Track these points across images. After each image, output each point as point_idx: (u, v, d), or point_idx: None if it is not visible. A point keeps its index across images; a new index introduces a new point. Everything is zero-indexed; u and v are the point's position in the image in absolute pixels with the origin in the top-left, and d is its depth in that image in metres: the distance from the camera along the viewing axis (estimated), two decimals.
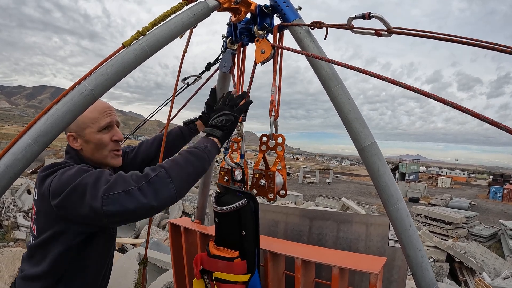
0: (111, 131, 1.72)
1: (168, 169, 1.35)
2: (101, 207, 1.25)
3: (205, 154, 1.51)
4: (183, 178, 1.38)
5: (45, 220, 1.53)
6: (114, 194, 1.25)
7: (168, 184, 1.31)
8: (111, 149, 1.73)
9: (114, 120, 1.74)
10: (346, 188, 41.30)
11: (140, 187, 1.27)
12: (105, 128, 1.69)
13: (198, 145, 1.53)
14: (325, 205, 16.18)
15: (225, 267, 1.66)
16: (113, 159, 1.75)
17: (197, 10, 1.46)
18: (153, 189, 1.28)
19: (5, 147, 1.08)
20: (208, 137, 1.62)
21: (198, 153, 1.48)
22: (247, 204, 1.61)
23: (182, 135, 2.23)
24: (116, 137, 1.73)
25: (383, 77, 1.24)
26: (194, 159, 1.45)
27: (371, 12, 1.36)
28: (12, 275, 5.41)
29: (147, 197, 1.27)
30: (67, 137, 1.66)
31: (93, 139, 1.66)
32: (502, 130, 0.97)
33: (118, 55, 1.25)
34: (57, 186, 1.39)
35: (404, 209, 1.50)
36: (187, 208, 10.54)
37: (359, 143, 1.51)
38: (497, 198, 39.78)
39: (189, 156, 1.45)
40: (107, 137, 1.70)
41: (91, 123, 1.65)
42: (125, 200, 1.25)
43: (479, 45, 1.20)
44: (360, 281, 2.28)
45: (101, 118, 1.67)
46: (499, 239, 14.28)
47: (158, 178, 1.31)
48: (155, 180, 1.30)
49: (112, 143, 1.72)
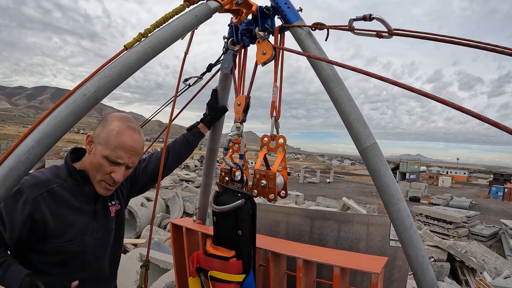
0: (114, 167, 1.65)
1: None
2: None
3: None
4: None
5: None
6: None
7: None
8: (102, 179, 1.67)
9: (126, 162, 1.66)
10: (347, 187, 41.27)
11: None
12: (114, 162, 1.63)
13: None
14: (326, 204, 16.17)
15: (220, 266, 1.67)
16: (101, 188, 1.71)
17: (198, 11, 1.47)
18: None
19: (6, 147, 1.09)
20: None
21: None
22: (244, 205, 1.61)
23: (188, 142, 2.23)
24: (114, 174, 1.65)
25: (384, 78, 1.25)
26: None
27: (372, 14, 1.36)
28: None
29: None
30: (87, 136, 1.67)
31: (95, 157, 1.63)
32: (503, 130, 0.98)
33: (120, 57, 1.26)
34: None
35: (405, 209, 1.51)
36: (188, 208, 10.53)
37: (360, 144, 1.52)
38: (497, 197, 39.74)
39: None
40: (107, 167, 1.63)
41: (106, 145, 1.60)
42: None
43: (479, 47, 1.21)
44: (361, 281, 2.28)
45: (115, 151, 1.61)
46: (500, 239, 14.27)
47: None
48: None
49: (107, 175, 1.66)
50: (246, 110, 1.92)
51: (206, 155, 2.57)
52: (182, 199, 10.85)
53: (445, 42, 1.28)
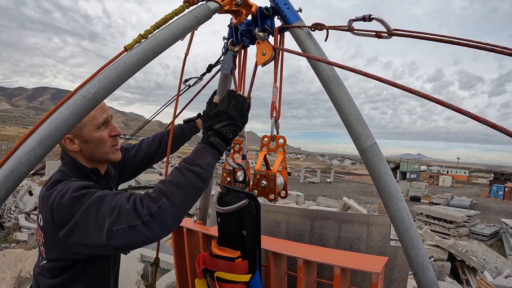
0: (108, 127, 1.70)
1: (171, 196, 1.28)
2: (106, 242, 1.23)
3: (209, 173, 1.41)
4: (187, 202, 1.32)
5: (53, 247, 1.50)
6: (119, 229, 1.22)
7: (173, 213, 1.26)
8: (111, 145, 1.71)
9: (109, 115, 1.71)
10: (347, 187, 41.29)
11: (145, 222, 1.22)
12: (103, 124, 1.66)
13: (201, 162, 1.39)
14: (326, 204, 16.18)
15: (226, 267, 1.67)
16: (114, 154, 1.73)
17: (198, 12, 1.47)
18: (158, 222, 1.24)
19: (6, 148, 1.09)
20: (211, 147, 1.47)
21: (202, 173, 1.38)
22: (248, 205, 1.61)
23: (183, 133, 2.26)
24: (114, 132, 1.71)
25: (384, 80, 1.25)
26: (198, 181, 1.36)
27: (372, 14, 1.37)
28: (14, 277, 5.43)
29: (154, 231, 1.24)
30: (63, 140, 1.60)
31: (92, 137, 1.63)
32: (501, 132, 0.98)
33: (120, 58, 1.26)
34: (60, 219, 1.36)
35: (404, 209, 1.51)
36: None
37: (360, 144, 1.52)
38: (498, 196, 39.75)
39: (193, 178, 1.35)
40: (105, 133, 1.67)
41: (88, 121, 1.60)
42: (131, 235, 1.22)
43: (479, 47, 1.21)
44: (361, 281, 2.29)
45: (97, 115, 1.63)
46: (501, 238, 14.28)
47: (162, 210, 1.24)
48: (159, 213, 1.24)
49: (111, 138, 1.70)
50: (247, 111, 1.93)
51: None
52: None
53: (444, 42, 1.29)
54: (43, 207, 1.46)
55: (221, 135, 1.50)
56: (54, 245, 1.48)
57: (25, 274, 5.59)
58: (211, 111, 1.58)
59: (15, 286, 5.38)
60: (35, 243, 8.36)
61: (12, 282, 5.37)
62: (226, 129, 1.51)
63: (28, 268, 5.65)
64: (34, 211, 10.12)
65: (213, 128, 1.51)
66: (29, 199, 10.75)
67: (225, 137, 1.50)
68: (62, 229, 1.35)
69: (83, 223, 1.29)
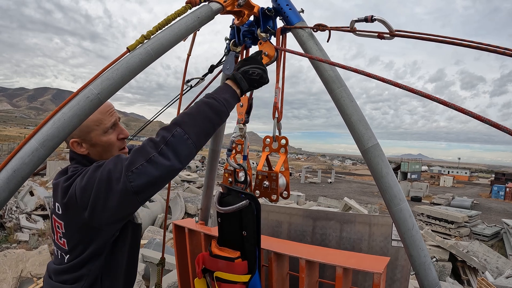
0: (116, 130, 1.67)
1: (184, 125, 1.33)
2: (129, 185, 1.24)
3: (224, 107, 1.44)
4: (200, 132, 1.35)
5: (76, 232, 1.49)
6: (137, 167, 1.25)
7: (186, 141, 1.30)
8: (118, 148, 1.69)
9: (117, 118, 1.68)
10: (348, 187, 41.23)
11: (160, 152, 1.26)
12: (110, 128, 1.63)
13: (217, 96, 1.45)
14: (327, 205, 16.16)
15: (226, 267, 1.67)
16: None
17: (200, 13, 1.47)
18: (172, 150, 1.28)
19: (8, 149, 1.08)
20: (231, 85, 1.53)
21: (216, 106, 1.42)
22: (248, 205, 1.61)
23: None
24: (122, 135, 1.70)
25: (386, 80, 1.25)
26: (211, 112, 1.40)
27: (374, 15, 1.37)
28: (15, 277, 5.43)
29: (170, 159, 1.27)
30: (71, 143, 1.59)
31: (100, 141, 1.61)
32: (504, 131, 0.98)
33: (123, 59, 1.26)
34: (82, 192, 1.36)
35: (407, 210, 1.51)
36: (189, 209, 10.55)
37: (362, 145, 1.52)
38: (499, 197, 39.65)
39: (206, 109, 1.40)
40: (113, 137, 1.65)
41: (95, 126, 1.58)
42: (150, 169, 1.25)
43: (480, 48, 1.21)
44: (363, 281, 2.29)
45: (105, 119, 1.61)
46: (502, 238, 14.25)
47: (175, 138, 1.29)
48: (173, 141, 1.29)
49: (118, 141, 1.68)
50: (248, 112, 1.93)
51: (209, 156, 2.58)
52: (183, 199, 10.87)
53: (446, 43, 1.29)
54: (62, 195, 1.46)
55: (247, 73, 1.56)
56: (78, 229, 1.48)
57: (26, 274, 5.59)
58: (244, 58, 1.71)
59: (16, 286, 5.39)
60: (36, 243, 8.36)
61: (13, 282, 5.38)
62: (253, 69, 1.58)
63: (29, 268, 5.65)
64: (35, 212, 10.12)
65: (240, 68, 1.59)
66: (30, 200, 10.74)
67: (250, 76, 1.56)
68: (86, 205, 1.35)
69: (104, 181, 1.31)
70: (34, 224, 9.54)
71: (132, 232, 1.69)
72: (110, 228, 1.50)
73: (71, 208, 1.42)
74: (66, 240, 1.53)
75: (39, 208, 10.33)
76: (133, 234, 1.70)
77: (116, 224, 1.50)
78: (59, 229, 1.54)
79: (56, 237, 1.59)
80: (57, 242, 1.59)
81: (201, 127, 1.36)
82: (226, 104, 1.45)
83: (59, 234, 1.56)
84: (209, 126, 1.39)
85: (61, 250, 1.57)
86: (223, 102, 1.44)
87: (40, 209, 10.30)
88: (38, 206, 10.34)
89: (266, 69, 1.64)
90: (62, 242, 1.55)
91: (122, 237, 1.62)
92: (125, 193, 1.26)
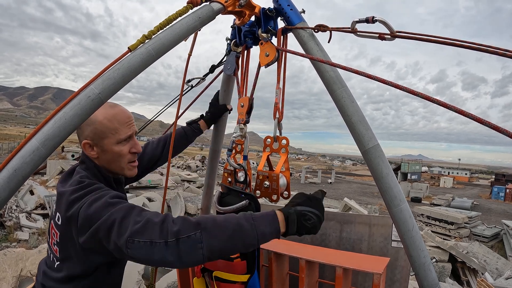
0: (130, 143, 1.64)
1: (206, 233, 1.21)
2: (125, 249, 1.21)
3: (256, 240, 1.28)
4: (216, 249, 1.23)
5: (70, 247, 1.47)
6: (140, 241, 1.19)
7: (197, 250, 1.20)
8: (128, 161, 1.65)
9: (134, 131, 1.65)
10: (348, 188, 41.22)
11: (168, 244, 1.18)
12: (124, 140, 1.60)
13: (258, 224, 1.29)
14: (327, 205, 16.14)
15: (225, 267, 1.68)
16: (130, 170, 1.69)
17: (202, 13, 1.48)
18: (180, 250, 1.19)
19: (8, 148, 1.08)
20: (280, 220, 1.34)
21: (249, 235, 1.27)
22: (248, 205, 1.62)
23: (186, 135, 2.26)
24: (134, 149, 1.65)
25: (387, 82, 1.25)
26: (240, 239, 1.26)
27: (375, 16, 1.37)
28: (15, 276, 5.43)
29: (173, 255, 1.19)
30: (83, 144, 1.57)
31: (111, 150, 1.58)
32: (504, 134, 0.98)
33: (124, 58, 1.27)
34: (85, 221, 1.33)
35: (407, 210, 1.51)
36: (189, 208, 10.55)
37: (363, 145, 1.52)
38: (499, 198, 39.62)
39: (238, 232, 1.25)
40: (126, 149, 1.62)
41: (110, 134, 1.56)
42: (150, 251, 1.19)
43: (481, 49, 1.21)
44: (363, 281, 2.29)
45: (121, 130, 1.58)
46: (502, 239, 14.24)
47: (190, 240, 1.19)
48: (185, 241, 1.19)
49: (130, 154, 1.65)
50: (249, 112, 1.93)
51: (209, 156, 2.58)
52: (183, 199, 10.86)
53: (447, 45, 1.29)
54: (65, 208, 1.42)
55: (303, 217, 1.37)
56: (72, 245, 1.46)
57: (26, 273, 5.59)
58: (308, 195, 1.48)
59: (16, 285, 5.39)
60: (36, 242, 8.36)
61: (13, 281, 5.38)
62: (311, 215, 1.38)
63: (29, 267, 5.65)
64: (35, 211, 10.12)
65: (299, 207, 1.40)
66: (30, 198, 10.74)
67: (305, 222, 1.37)
68: (84, 234, 1.33)
69: (106, 228, 1.26)
70: (34, 223, 9.54)
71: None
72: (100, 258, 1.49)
73: (70, 226, 1.40)
74: (59, 249, 1.52)
75: (39, 207, 10.33)
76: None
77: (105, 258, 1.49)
78: (55, 237, 1.53)
79: (50, 240, 1.59)
80: (51, 246, 1.58)
81: (220, 245, 1.23)
82: (260, 238, 1.29)
83: (54, 241, 1.55)
84: (228, 248, 1.27)
85: (53, 254, 1.57)
86: (259, 236, 1.29)
87: (40, 208, 10.31)
88: (38, 205, 10.34)
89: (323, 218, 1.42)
90: (55, 249, 1.54)
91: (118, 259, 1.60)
92: (119, 250, 1.24)
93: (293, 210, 1.36)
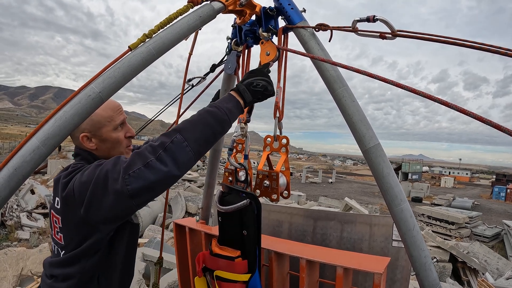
0: (124, 128, 1.72)
1: (184, 132, 1.32)
2: (125, 187, 1.23)
3: (226, 116, 1.43)
4: (200, 140, 1.34)
5: (73, 227, 1.50)
6: (134, 171, 1.23)
7: (184, 148, 1.29)
8: (125, 145, 1.73)
9: (125, 117, 1.74)
10: (349, 188, 41.22)
11: (158, 157, 1.25)
12: (119, 125, 1.69)
13: (220, 105, 1.44)
14: (328, 205, 16.15)
15: (226, 266, 1.67)
16: (127, 154, 1.73)
17: (202, 12, 1.47)
18: (171, 156, 1.27)
19: (9, 147, 1.08)
20: (235, 95, 1.53)
21: (219, 114, 1.41)
22: (249, 205, 1.61)
23: None
24: (129, 133, 1.74)
25: (388, 80, 1.25)
26: (213, 121, 1.39)
27: (376, 15, 1.37)
28: (16, 275, 5.44)
29: (167, 165, 1.25)
30: (81, 137, 1.61)
31: (110, 137, 1.66)
32: (505, 133, 0.98)
33: (125, 57, 1.26)
34: (81, 188, 1.37)
35: (408, 210, 1.51)
36: (190, 208, 10.55)
37: (364, 145, 1.52)
38: (500, 198, 39.61)
39: (208, 117, 1.39)
40: (122, 134, 1.70)
41: (107, 122, 1.64)
42: (147, 173, 1.23)
43: (483, 49, 1.21)
44: (364, 281, 2.29)
45: (115, 116, 1.66)
46: (502, 239, 14.24)
47: (174, 144, 1.29)
48: (171, 147, 1.28)
49: (126, 139, 1.73)
50: (250, 111, 1.93)
51: (210, 156, 2.58)
52: (184, 198, 10.87)
53: (448, 44, 1.29)
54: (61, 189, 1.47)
55: (251, 85, 1.55)
56: (74, 224, 1.48)
57: (26, 272, 5.60)
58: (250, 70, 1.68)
59: (17, 284, 5.40)
60: (37, 241, 8.37)
61: (14, 280, 5.38)
62: (258, 81, 1.57)
63: (30, 267, 5.66)
64: (36, 210, 10.13)
65: (245, 80, 1.59)
66: (31, 198, 10.75)
67: (255, 87, 1.55)
68: (83, 201, 1.35)
69: (102, 180, 1.30)
70: (34, 223, 9.55)
71: (129, 232, 1.70)
72: (106, 227, 1.51)
73: (69, 202, 1.44)
74: (63, 235, 1.55)
75: (40, 206, 10.34)
76: (130, 234, 1.71)
77: (111, 223, 1.49)
78: (57, 224, 1.56)
79: (53, 232, 1.62)
80: (55, 238, 1.61)
81: (201, 135, 1.35)
82: (229, 113, 1.44)
83: (56, 229, 1.58)
84: (209, 134, 1.38)
85: (58, 245, 1.59)
86: (226, 111, 1.43)
87: (40, 208, 10.32)
88: (39, 205, 10.35)
89: (271, 81, 1.62)
90: (59, 237, 1.57)
91: (119, 236, 1.63)
92: (121, 195, 1.25)
93: (241, 84, 1.57)
